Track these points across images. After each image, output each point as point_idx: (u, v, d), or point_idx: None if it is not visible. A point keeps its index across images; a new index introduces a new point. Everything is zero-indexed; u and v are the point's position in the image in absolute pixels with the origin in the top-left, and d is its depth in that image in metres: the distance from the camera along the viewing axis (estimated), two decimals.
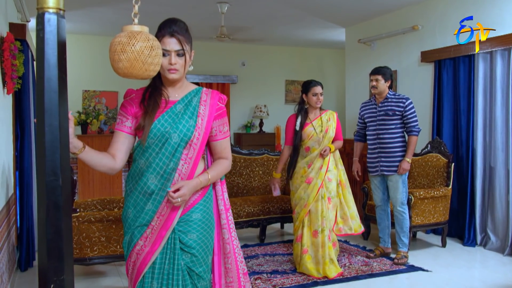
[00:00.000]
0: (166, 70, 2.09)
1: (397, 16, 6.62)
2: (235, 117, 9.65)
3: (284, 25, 7.77)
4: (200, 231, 2.15)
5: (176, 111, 2.13)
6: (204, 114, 2.15)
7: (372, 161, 4.81)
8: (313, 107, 4.44)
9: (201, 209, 2.17)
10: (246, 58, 9.71)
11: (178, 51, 2.09)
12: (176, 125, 2.09)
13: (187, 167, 2.10)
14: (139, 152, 2.13)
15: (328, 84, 10.34)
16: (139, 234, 2.12)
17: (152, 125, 2.08)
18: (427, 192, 4.95)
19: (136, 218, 2.12)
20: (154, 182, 2.09)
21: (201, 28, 7.76)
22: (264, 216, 5.42)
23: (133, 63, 1.85)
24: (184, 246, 2.12)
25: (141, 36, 1.87)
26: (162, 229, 2.10)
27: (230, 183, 5.80)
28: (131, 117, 2.14)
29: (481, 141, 5.21)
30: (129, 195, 2.17)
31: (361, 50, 7.46)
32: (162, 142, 2.08)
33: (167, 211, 2.09)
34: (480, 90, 5.21)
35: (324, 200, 4.29)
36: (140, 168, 2.12)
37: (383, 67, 4.76)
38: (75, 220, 3.81)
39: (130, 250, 2.14)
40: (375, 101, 4.82)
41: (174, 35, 2.08)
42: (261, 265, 4.56)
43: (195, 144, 2.11)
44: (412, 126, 4.65)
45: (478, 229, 5.22)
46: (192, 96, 2.17)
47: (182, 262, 2.12)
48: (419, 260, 4.73)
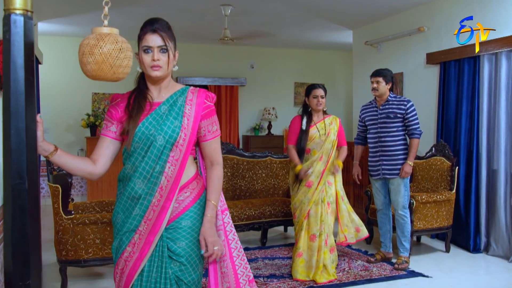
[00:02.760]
0: (149, 67, 2.02)
1: (403, 18, 6.51)
2: (244, 120, 9.60)
3: (291, 28, 7.70)
4: (189, 239, 2.07)
5: (160, 112, 2.06)
6: (190, 114, 2.07)
7: (374, 164, 4.71)
8: (316, 110, 4.37)
9: (192, 216, 2.08)
10: (255, 60, 9.66)
11: (161, 47, 2.02)
12: (161, 127, 2.02)
13: (174, 170, 2.03)
14: (126, 157, 2.09)
15: (337, 86, 10.25)
16: (127, 240, 2.05)
17: (136, 129, 2.02)
18: (430, 196, 4.84)
19: (124, 223, 2.07)
20: (141, 187, 2.03)
21: (207, 31, 7.74)
22: (266, 219, 5.35)
23: (101, 66, 1.81)
24: (173, 254, 2.05)
25: (110, 38, 1.83)
26: (150, 234, 2.02)
27: (233, 186, 5.76)
28: (116, 122, 2.09)
29: (486, 144, 5.07)
30: (118, 199, 2.12)
31: (368, 52, 7.36)
32: (147, 145, 2.02)
33: (154, 215, 2.02)
34: (485, 92, 5.08)
35: (324, 204, 4.22)
36: (127, 172, 2.07)
37: (384, 69, 4.68)
38: (70, 222, 3.79)
39: (118, 256, 2.08)
40: (376, 104, 4.72)
41: (157, 31, 2.02)
42: (259, 268, 4.50)
43: (181, 145, 2.04)
44: (414, 128, 4.55)
45: (483, 234, 5.08)
46: (177, 96, 2.10)
47: (170, 271, 2.04)
48: (420, 266, 4.61)
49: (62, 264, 3.88)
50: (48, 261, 4.77)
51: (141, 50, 2.03)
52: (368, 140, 4.80)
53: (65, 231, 3.80)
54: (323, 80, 10.14)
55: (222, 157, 5.95)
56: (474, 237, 5.11)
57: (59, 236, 3.83)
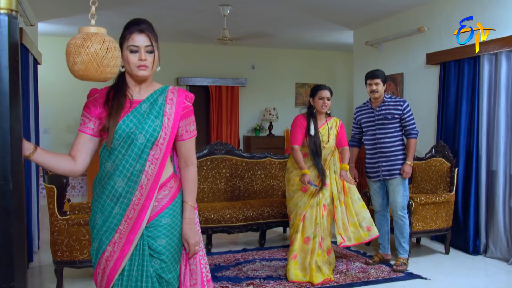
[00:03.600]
0: (135, 67, 2.04)
1: (404, 18, 6.48)
2: (244, 120, 9.59)
3: (291, 28, 7.68)
4: (169, 236, 2.10)
5: (141, 111, 2.07)
6: (170, 113, 2.09)
7: (372, 166, 4.68)
8: (320, 112, 4.33)
9: (171, 213, 2.12)
10: (256, 61, 9.64)
11: (148, 47, 2.05)
12: (142, 125, 2.03)
13: (154, 168, 2.05)
14: (105, 155, 2.08)
15: (339, 87, 10.21)
16: (107, 240, 2.06)
17: (116, 126, 2.02)
18: (428, 197, 4.80)
19: (104, 223, 2.06)
20: (122, 185, 2.03)
21: (206, 31, 7.73)
22: (264, 220, 5.33)
23: (88, 66, 1.80)
24: (153, 252, 2.07)
25: (96, 37, 1.81)
26: (130, 233, 2.04)
27: (231, 187, 5.74)
28: (94, 118, 2.08)
29: (485, 145, 5.03)
30: (96, 200, 2.11)
31: (368, 52, 7.33)
32: (128, 143, 2.03)
33: (134, 214, 2.03)
34: (485, 92, 5.04)
35: (319, 207, 4.18)
36: (107, 171, 2.07)
37: (378, 71, 4.69)
38: (65, 223, 3.79)
39: (99, 257, 2.08)
40: (371, 105, 4.69)
41: (144, 31, 2.05)
42: (256, 270, 4.48)
43: (162, 144, 2.06)
44: (411, 128, 4.53)
45: (482, 236, 5.04)
46: (157, 95, 2.11)
47: (151, 269, 2.06)
48: (419, 267, 4.58)
49: (58, 265, 3.87)
50: (46, 262, 4.77)
51: (127, 50, 2.04)
52: (365, 142, 4.77)
53: (60, 232, 3.80)
54: (324, 80, 10.09)
55: (221, 158, 5.95)
56: (473, 239, 5.07)
57: (54, 236, 3.82)
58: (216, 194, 5.69)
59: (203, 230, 5.08)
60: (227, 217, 5.14)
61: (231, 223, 5.17)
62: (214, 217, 5.08)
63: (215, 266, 4.58)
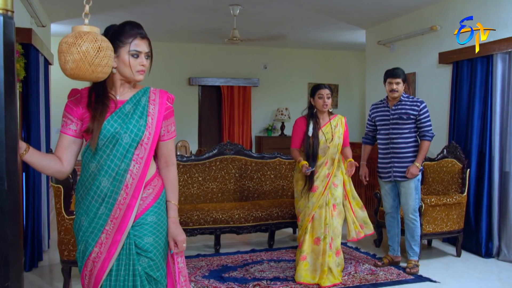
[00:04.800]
0: (135, 71, 2.08)
1: (416, 17, 6.40)
2: (256, 120, 9.58)
3: (302, 28, 7.65)
4: (156, 234, 2.12)
5: (125, 111, 2.09)
6: (154, 113, 2.12)
7: (384, 166, 4.61)
8: (321, 111, 4.29)
9: (156, 211, 2.14)
10: (268, 60, 9.63)
11: (148, 53, 2.11)
12: (127, 125, 2.06)
13: (139, 167, 2.07)
14: (88, 156, 2.08)
15: (351, 86, 10.15)
16: (94, 241, 2.06)
17: (101, 127, 2.04)
18: (439, 199, 4.73)
19: (89, 225, 2.07)
20: (107, 185, 2.04)
21: (217, 31, 7.72)
22: (273, 221, 5.30)
23: (79, 64, 1.80)
24: (141, 250, 2.09)
25: (88, 36, 1.81)
26: (117, 233, 2.05)
27: (241, 187, 5.72)
28: (76, 119, 2.08)
29: (498, 146, 4.94)
30: (81, 202, 2.11)
31: (380, 51, 7.26)
32: (112, 143, 2.04)
33: (120, 213, 2.05)
34: (498, 92, 4.94)
35: (328, 206, 4.15)
36: (91, 172, 2.07)
37: (399, 69, 4.56)
38: (72, 222, 3.80)
39: (85, 259, 2.08)
40: (388, 104, 4.61)
41: (145, 37, 2.10)
42: (263, 271, 4.45)
43: (146, 144, 2.09)
44: (426, 130, 4.44)
45: (495, 239, 4.94)
46: (140, 96, 2.14)
47: (139, 268, 2.07)
48: (430, 270, 4.51)
49: (65, 264, 3.89)
50: (55, 261, 4.81)
51: (128, 54, 2.06)
52: (378, 141, 4.69)
53: (67, 231, 3.82)
54: (337, 80, 10.07)
55: (231, 158, 5.94)
56: (486, 242, 4.98)
57: (61, 236, 3.84)
58: (225, 194, 5.68)
59: (211, 230, 5.07)
60: (235, 218, 5.12)
61: (239, 223, 5.15)
62: (222, 217, 5.07)
63: (222, 267, 4.57)
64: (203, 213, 5.04)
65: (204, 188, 5.59)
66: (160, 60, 8.87)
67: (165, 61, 8.78)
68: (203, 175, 5.61)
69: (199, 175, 5.59)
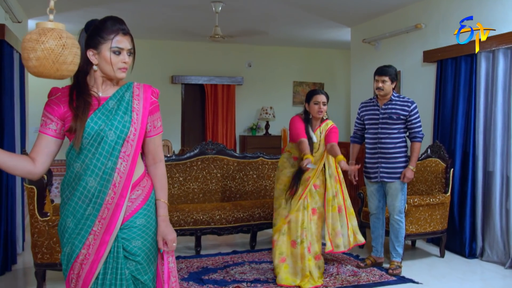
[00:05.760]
0: (117, 68, 2.06)
1: (401, 15, 6.46)
2: (241, 119, 9.58)
3: (286, 25, 7.67)
4: (144, 237, 2.11)
5: (108, 107, 2.07)
6: (138, 109, 2.11)
7: (371, 166, 4.62)
8: (316, 118, 4.29)
9: (145, 214, 2.13)
10: (252, 59, 9.63)
11: (130, 49, 2.09)
12: (111, 122, 2.04)
13: (126, 165, 2.06)
14: (73, 156, 2.06)
15: (337, 85, 10.20)
16: (81, 243, 2.03)
17: (85, 125, 2.02)
18: (422, 199, 4.77)
19: (76, 226, 2.04)
20: (94, 185, 2.02)
21: (199, 28, 7.71)
22: (255, 221, 5.31)
23: (43, 62, 1.79)
24: (129, 254, 2.07)
25: (53, 33, 1.80)
26: (105, 234, 2.03)
27: (222, 187, 5.73)
28: (57, 118, 2.06)
29: (482, 145, 5.00)
30: (66, 203, 2.08)
31: (365, 50, 7.31)
32: (97, 141, 2.02)
33: (108, 213, 2.03)
34: (482, 90, 5.00)
35: (307, 210, 4.14)
36: (76, 172, 2.05)
37: (389, 67, 4.53)
38: (45, 224, 3.78)
39: (72, 262, 2.05)
40: (377, 102, 4.60)
41: (127, 33, 2.08)
42: (244, 273, 4.46)
43: (132, 140, 2.07)
44: (417, 131, 4.47)
45: (479, 239, 5.00)
46: (124, 91, 2.13)
47: (127, 271, 2.07)
48: (413, 271, 4.55)
49: (38, 267, 3.86)
50: (30, 264, 4.76)
51: (109, 51, 2.04)
52: (366, 141, 4.70)
53: (40, 234, 3.79)
54: (322, 78, 10.12)
55: (213, 157, 5.93)
56: (469, 242, 5.04)
57: (34, 238, 3.81)
58: (207, 195, 5.68)
59: (192, 232, 5.07)
60: (216, 219, 5.13)
61: (221, 224, 5.15)
62: (203, 218, 5.07)
63: (202, 269, 4.57)
64: (184, 214, 5.03)
65: (185, 189, 5.59)
66: (142, 58, 8.80)
67: (147, 59, 8.75)
68: (184, 175, 5.60)
69: (180, 175, 5.58)
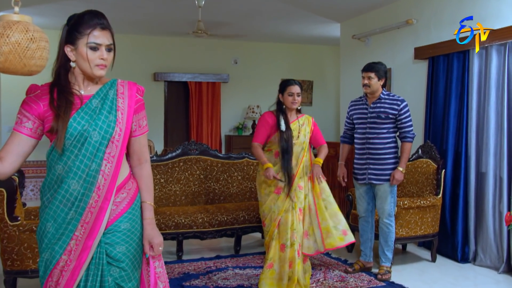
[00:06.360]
0: (94, 65, 1.99)
1: (392, 10, 6.40)
2: (226, 118, 9.49)
3: (274, 20, 7.59)
4: (129, 242, 2.06)
5: (92, 106, 2.01)
6: (123, 108, 2.06)
7: (360, 167, 4.56)
8: (290, 109, 4.22)
9: (130, 218, 2.08)
10: (239, 55, 9.55)
11: (109, 45, 2.02)
12: (95, 122, 1.98)
13: (111, 167, 2.01)
14: (54, 158, 2.00)
15: (327, 83, 10.15)
16: (62, 249, 1.97)
17: (67, 125, 1.95)
18: (413, 201, 4.72)
19: (56, 231, 1.98)
20: (77, 188, 1.96)
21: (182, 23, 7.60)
22: (239, 225, 5.22)
23: (9, 57, 1.72)
24: (112, 259, 2.02)
25: (19, 26, 1.72)
26: (88, 239, 1.97)
27: (206, 189, 5.63)
28: (34, 117, 1.98)
29: (475, 145, 4.95)
30: (47, 207, 2.01)
31: (355, 46, 7.25)
32: (80, 142, 1.97)
33: (91, 217, 1.97)
34: (475, 88, 4.95)
35: (295, 210, 4.06)
36: (58, 174, 1.99)
37: (377, 63, 4.48)
38: (16, 229, 3.67)
39: (51, 268, 1.98)
40: (367, 101, 4.54)
41: (106, 28, 2.00)
42: (227, 279, 4.37)
43: (117, 141, 2.03)
44: (407, 131, 4.41)
45: (471, 243, 4.95)
46: (107, 89, 2.08)
47: (110, 278, 2.00)
48: (403, 276, 4.50)
49: (8, 275, 3.75)
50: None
51: (85, 46, 1.97)
52: (355, 141, 4.64)
53: (10, 239, 3.67)
54: (311, 76, 10.06)
55: (195, 158, 5.83)
56: (462, 246, 4.99)
57: (4, 244, 3.69)
58: (189, 197, 5.57)
59: (173, 236, 4.97)
60: (199, 222, 5.03)
61: (203, 228, 5.06)
62: (185, 222, 4.97)
63: (183, 275, 4.47)
64: (165, 217, 4.92)
65: (166, 191, 5.48)
66: (122, 54, 8.62)
67: (128, 56, 8.61)
68: (166, 176, 5.50)
69: (161, 176, 5.47)
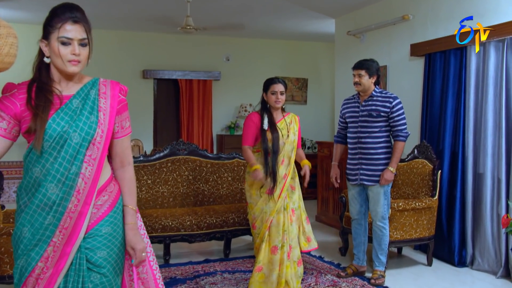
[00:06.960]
0: (66, 61, 1.94)
1: (388, 5, 6.35)
2: (218, 117, 9.42)
3: (266, 16, 7.54)
4: (110, 247, 2.02)
5: (72, 107, 1.97)
6: (105, 108, 2.02)
7: (352, 168, 4.51)
8: (274, 108, 4.16)
9: (112, 221, 2.04)
10: (231, 52, 9.48)
11: (83, 40, 1.95)
12: (76, 123, 1.94)
13: (91, 170, 1.97)
14: (32, 160, 1.95)
15: (322, 80, 10.10)
16: (38, 255, 1.92)
17: (46, 125, 1.90)
18: (407, 203, 4.66)
19: (33, 236, 1.93)
20: (55, 192, 1.92)
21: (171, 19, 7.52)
22: (229, 228, 5.16)
23: None
24: (93, 265, 1.97)
25: None
26: (66, 245, 1.93)
27: (194, 191, 5.56)
28: (10, 117, 1.94)
29: (472, 145, 4.90)
30: (23, 211, 1.96)
31: (350, 42, 7.19)
32: (60, 144, 1.92)
33: (70, 223, 1.93)
34: (472, 86, 4.90)
35: (287, 211, 4.02)
36: (35, 177, 1.94)
37: (368, 60, 4.44)
38: None
39: (26, 276, 1.93)
40: (359, 99, 4.50)
41: (78, 22, 1.93)
42: (215, 283, 4.31)
43: (99, 143, 1.99)
44: (399, 130, 4.35)
45: (469, 246, 4.90)
46: (89, 89, 2.03)
47: (90, 285, 1.96)
48: (397, 281, 4.45)
49: None
50: None
51: (57, 41, 1.92)
52: (348, 140, 4.59)
53: None
54: (306, 73, 10.01)
55: (184, 158, 5.76)
56: (459, 250, 4.94)
57: None
58: (178, 199, 5.51)
59: (160, 239, 4.90)
60: (187, 225, 4.96)
61: (191, 231, 5.00)
62: (172, 224, 4.91)
63: (170, 280, 4.41)
64: (151, 220, 4.86)
65: (154, 192, 5.41)
66: (109, 51, 8.63)
67: (116, 52, 8.52)
68: (153, 177, 5.43)
69: (148, 177, 5.41)
